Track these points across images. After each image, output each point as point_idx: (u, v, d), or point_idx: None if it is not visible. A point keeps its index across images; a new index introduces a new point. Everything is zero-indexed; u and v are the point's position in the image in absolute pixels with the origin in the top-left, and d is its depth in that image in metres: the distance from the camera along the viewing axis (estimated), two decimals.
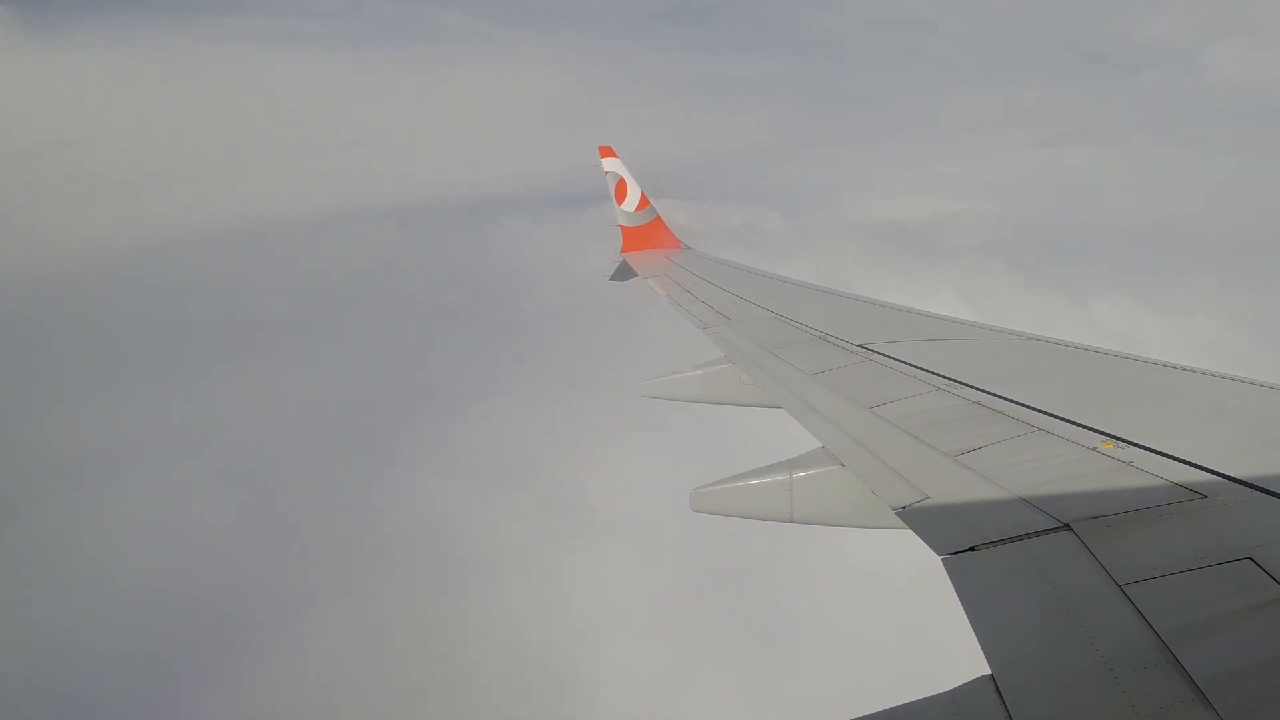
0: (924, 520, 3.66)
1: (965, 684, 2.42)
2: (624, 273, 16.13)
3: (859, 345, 7.06)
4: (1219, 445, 3.83)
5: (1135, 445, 3.91)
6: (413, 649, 30.13)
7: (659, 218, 18.07)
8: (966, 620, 2.75)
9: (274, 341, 61.52)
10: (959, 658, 2.72)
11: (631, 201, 18.07)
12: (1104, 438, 4.09)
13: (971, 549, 3.24)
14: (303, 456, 43.29)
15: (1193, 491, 3.30)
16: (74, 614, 30.19)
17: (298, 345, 60.67)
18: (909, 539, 3.63)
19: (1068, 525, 3.21)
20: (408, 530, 36.82)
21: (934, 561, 3.27)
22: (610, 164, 18.17)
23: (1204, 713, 2.06)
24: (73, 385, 51.72)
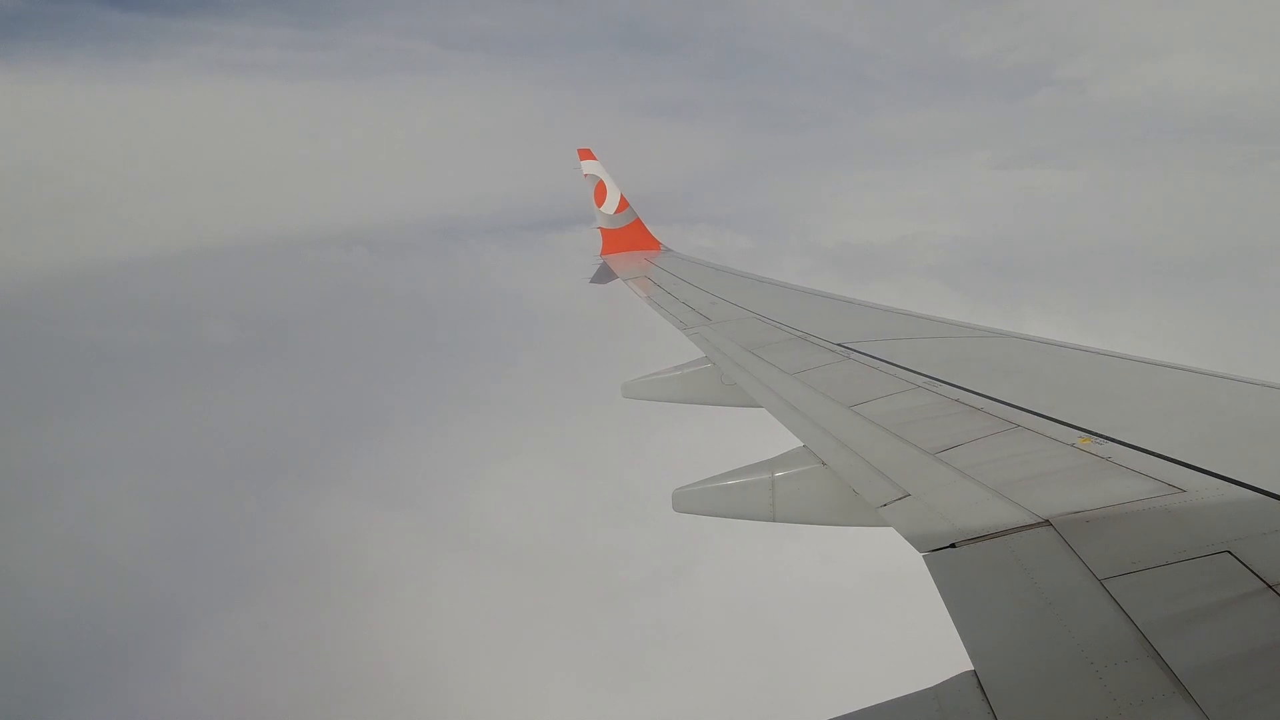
0: (905, 518, 3.66)
1: (948, 680, 2.42)
2: (604, 275, 16.08)
3: (839, 344, 7.07)
4: (1196, 440, 3.86)
5: (1113, 441, 3.93)
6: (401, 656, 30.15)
7: (639, 220, 18.02)
8: (948, 616, 2.75)
9: (229, 363, 61.53)
10: (941, 654, 2.72)
11: (611, 204, 18.01)
12: (1082, 433, 4.11)
13: (952, 545, 3.25)
14: (276, 477, 43.33)
15: (1171, 486, 3.32)
16: None
17: (256, 367, 60.62)
18: (890, 537, 3.63)
19: (1047, 521, 3.21)
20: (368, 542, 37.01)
21: (915, 558, 3.27)
22: (590, 166, 18.11)
23: (1184, 705, 2.07)
24: (26, 402, 51.42)
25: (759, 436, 5.77)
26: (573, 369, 48.61)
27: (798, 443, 5.04)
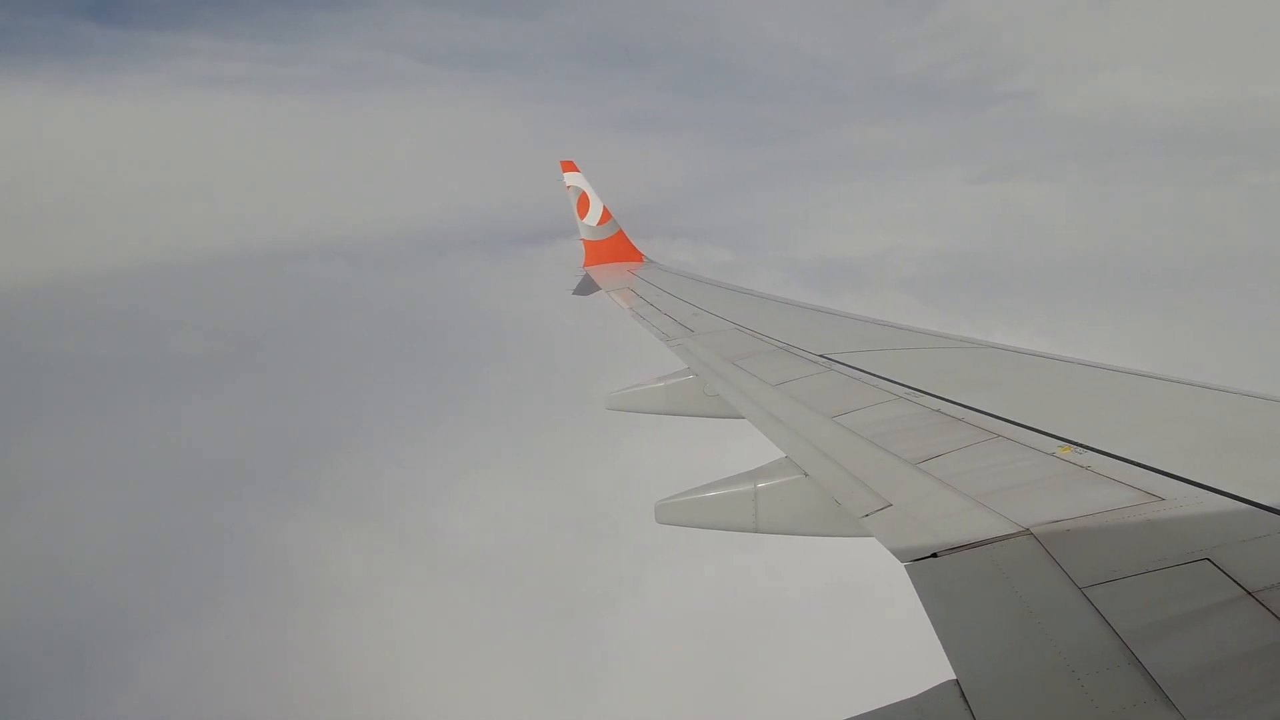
0: (887, 528, 3.65)
1: (930, 689, 2.41)
2: (587, 286, 16.07)
3: (821, 355, 7.08)
4: (1175, 448, 3.88)
5: (1093, 450, 3.95)
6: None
7: (621, 231, 18.05)
8: (930, 626, 2.74)
9: (205, 375, 61.33)
10: (923, 663, 2.71)
11: (594, 215, 18.03)
12: (1062, 443, 4.13)
13: (934, 555, 3.24)
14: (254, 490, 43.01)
15: (1150, 494, 3.33)
16: None
17: (233, 379, 60.40)
18: (873, 547, 3.63)
19: (1028, 530, 3.22)
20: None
21: (897, 568, 3.27)
22: (572, 178, 18.13)
23: (1166, 712, 2.06)
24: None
25: (742, 447, 5.76)
26: (555, 381, 48.59)
27: (780, 454, 5.03)
